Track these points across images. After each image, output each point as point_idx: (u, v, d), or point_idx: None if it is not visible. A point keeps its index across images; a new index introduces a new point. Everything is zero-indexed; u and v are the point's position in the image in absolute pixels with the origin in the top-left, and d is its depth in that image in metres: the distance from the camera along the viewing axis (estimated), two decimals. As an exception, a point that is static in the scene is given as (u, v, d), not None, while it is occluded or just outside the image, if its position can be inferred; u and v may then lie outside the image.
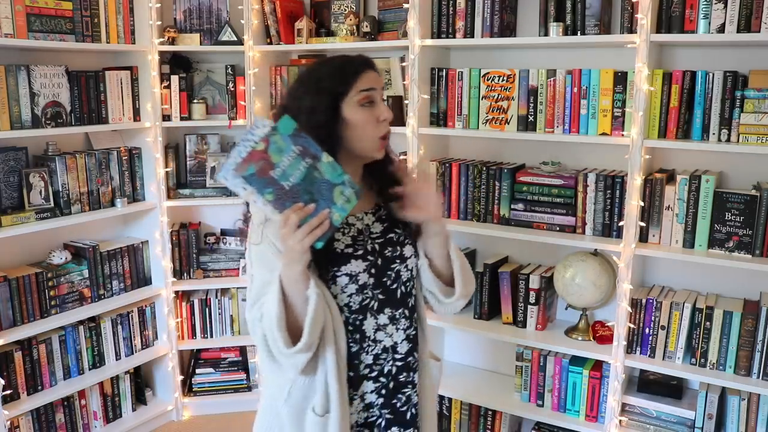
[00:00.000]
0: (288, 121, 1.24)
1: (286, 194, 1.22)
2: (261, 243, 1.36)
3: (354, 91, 1.37)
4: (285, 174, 1.23)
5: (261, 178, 1.21)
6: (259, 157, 1.21)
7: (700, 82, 2.13)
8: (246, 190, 1.22)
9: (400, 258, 1.48)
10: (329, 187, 1.26)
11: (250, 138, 1.22)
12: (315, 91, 1.36)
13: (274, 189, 1.22)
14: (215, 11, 3.04)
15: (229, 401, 3.26)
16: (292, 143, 1.24)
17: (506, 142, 2.64)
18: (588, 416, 2.43)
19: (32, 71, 2.50)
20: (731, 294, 2.33)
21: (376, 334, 1.45)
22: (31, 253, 2.76)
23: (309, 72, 1.42)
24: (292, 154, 1.23)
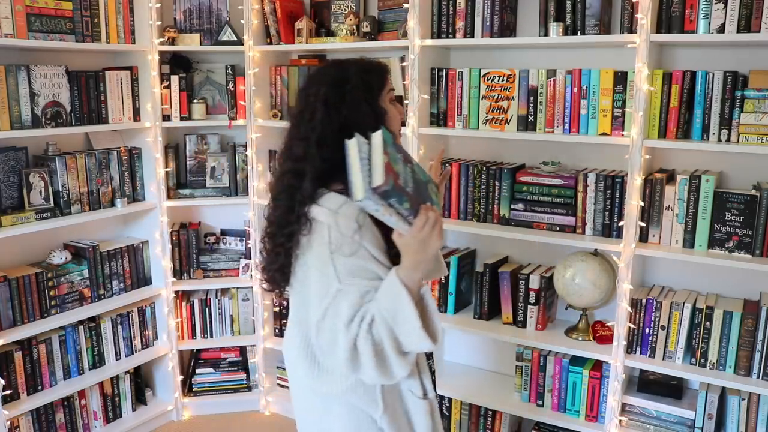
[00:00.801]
0: (386, 133, 1.25)
1: (413, 200, 1.23)
2: (357, 251, 1.32)
3: (387, 88, 1.47)
4: (406, 182, 1.24)
5: (397, 189, 1.20)
6: (390, 170, 1.20)
7: (700, 82, 2.13)
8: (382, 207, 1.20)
9: None
10: (425, 185, 1.30)
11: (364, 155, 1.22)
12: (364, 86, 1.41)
13: (407, 198, 1.22)
14: (215, 11, 3.04)
15: (229, 401, 3.26)
16: (396, 151, 1.26)
17: (506, 142, 2.64)
18: (588, 416, 2.43)
19: (32, 71, 2.50)
20: (731, 294, 2.33)
21: None
22: (31, 253, 2.76)
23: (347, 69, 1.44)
24: (400, 161, 1.25)
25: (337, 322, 1.31)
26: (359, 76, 1.42)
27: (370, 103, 1.41)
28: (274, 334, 3.25)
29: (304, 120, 1.41)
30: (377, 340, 1.28)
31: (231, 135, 3.24)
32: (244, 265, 3.21)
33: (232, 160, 3.14)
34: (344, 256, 1.32)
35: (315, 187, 1.37)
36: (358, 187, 1.20)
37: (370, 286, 1.31)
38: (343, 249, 1.32)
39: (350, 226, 1.32)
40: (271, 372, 3.29)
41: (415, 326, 1.25)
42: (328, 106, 1.39)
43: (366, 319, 1.28)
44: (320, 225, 1.34)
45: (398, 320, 1.27)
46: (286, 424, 3.17)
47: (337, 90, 1.40)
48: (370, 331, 1.28)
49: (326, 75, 1.45)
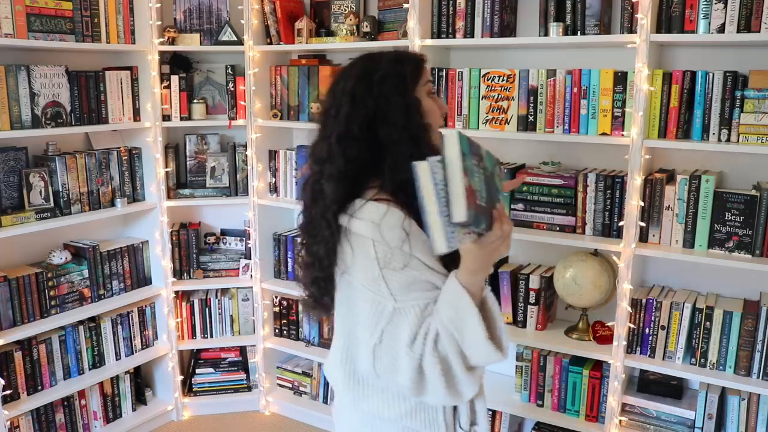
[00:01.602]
0: (462, 137, 1.07)
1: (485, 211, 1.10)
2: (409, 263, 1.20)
3: (423, 80, 1.34)
4: (481, 193, 1.10)
5: (477, 214, 1.06)
6: (470, 193, 1.05)
7: (700, 82, 2.13)
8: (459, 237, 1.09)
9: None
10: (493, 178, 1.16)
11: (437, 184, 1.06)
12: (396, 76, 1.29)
13: (484, 216, 1.09)
14: (215, 11, 3.04)
15: (229, 401, 3.26)
16: (471, 155, 1.09)
17: (506, 142, 2.64)
18: (588, 416, 2.43)
19: (32, 71, 2.50)
20: (731, 294, 2.33)
21: None
22: (31, 253, 2.76)
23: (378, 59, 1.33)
24: (475, 168, 1.09)
25: (397, 345, 1.19)
26: (390, 66, 1.30)
27: (402, 93, 1.27)
28: (274, 334, 3.25)
29: (329, 117, 1.30)
30: (443, 356, 1.17)
31: (231, 135, 3.24)
32: (244, 265, 3.21)
33: (232, 160, 3.14)
34: (396, 270, 1.20)
35: (339, 190, 1.25)
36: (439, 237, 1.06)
37: (429, 299, 1.20)
38: (394, 263, 1.20)
39: (397, 237, 1.20)
40: (271, 372, 3.29)
41: (480, 336, 1.14)
42: (354, 99, 1.27)
43: (430, 336, 1.17)
44: (364, 240, 1.22)
45: (463, 331, 1.15)
46: (286, 424, 3.17)
47: (365, 81, 1.28)
48: (436, 348, 1.17)
49: (354, 68, 1.34)
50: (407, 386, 1.20)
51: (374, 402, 1.32)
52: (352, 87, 1.29)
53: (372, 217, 1.22)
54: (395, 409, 1.31)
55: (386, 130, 1.26)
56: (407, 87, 1.30)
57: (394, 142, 1.25)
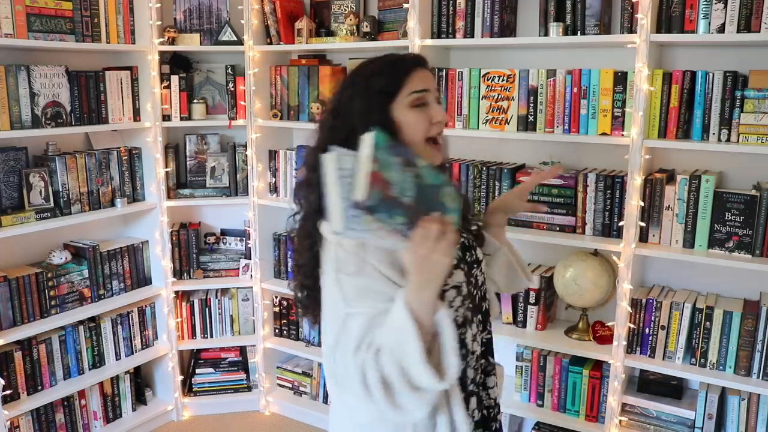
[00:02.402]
0: (380, 134, 1.08)
1: (413, 212, 1.07)
2: (363, 269, 1.18)
3: (405, 92, 1.27)
4: (402, 190, 1.07)
5: (387, 201, 1.04)
6: (377, 179, 1.03)
7: (700, 82, 2.13)
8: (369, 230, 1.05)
9: (476, 262, 1.40)
10: (436, 192, 1.11)
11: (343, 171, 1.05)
12: (365, 91, 1.26)
13: (402, 210, 1.06)
14: (215, 11, 3.04)
15: (229, 401, 3.26)
16: (391, 154, 1.08)
17: (506, 142, 2.64)
18: (588, 416, 2.43)
19: (32, 71, 2.50)
20: (731, 294, 2.33)
21: (473, 344, 1.36)
22: (31, 253, 2.76)
23: (357, 72, 1.32)
24: (397, 167, 1.08)
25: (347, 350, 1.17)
26: (367, 81, 1.27)
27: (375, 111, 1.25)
28: (274, 334, 3.25)
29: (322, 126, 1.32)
30: (384, 371, 1.12)
31: (231, 135, 3.24)
32: (244, 265, 3.21)
33: (232, 160, 3.14)
34: (349, 275, 1.19)
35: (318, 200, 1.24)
36: (336, 217, 1.04)
37: (381, 309, 1.16)
38: (348, 268, 1.19)
39: (354, 242, 1.18)
40: (271, 372, 3.29)
41: (416, 358, 1.08)
42: (335, 113, 1.28)
43: (372, 347, 1.14)
44: (328, 243, 1.23)
45: (404, 350, 1.10)
46: (286, 424, 3.17)
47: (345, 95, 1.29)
48: (377, 360, 1.12)
49: (347, 77, 1.33)
50: (358, 394, 1.16)
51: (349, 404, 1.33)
52: (335, 99, 1.31)
53: None
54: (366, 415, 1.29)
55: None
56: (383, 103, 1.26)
57: None
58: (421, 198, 1.10)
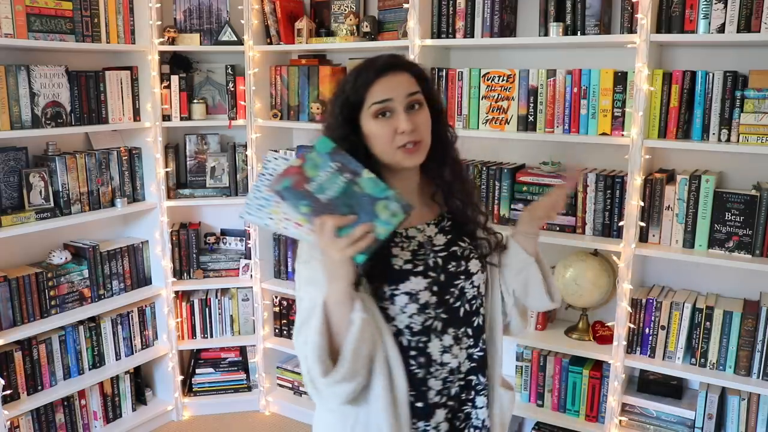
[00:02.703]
0: (325, 141, 1.18)
1: (323, 207, 1.15)
2: (310, 261, 1.26)
3: (367, 102, 1.27)
4: (321, 187, 1.15)
5: (296, 191, 1.14)
6: (294, 171, 1.15)
7: (700, 82, 2.13)
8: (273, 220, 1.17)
9: (464, 273, 1.35)
10: (371, 201, 1.17)
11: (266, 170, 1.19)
12: (336, 102, 1.30)
13: (310, 201, 1.15)
14: (215, 11, 3.04)
15: (229, 401, 3.26)
16: (329, 160, 1.16)
17: (506, 142, 2.64)
18: (588, 416, 2.43)
19: (32, 71, 2.50)
20: (731, 294, 2.33)
21: (443, 356, 1.32)
22: (31, 253, 2.76)
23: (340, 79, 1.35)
24: (329, 169, 1.16)
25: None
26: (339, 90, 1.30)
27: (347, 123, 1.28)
28: (274, 334, 3.25)
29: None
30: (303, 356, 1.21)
31: (231, 135, 3.24)
32: (244, 265, 3.21)
33: (232, 160, 3.14)
34: (301, 263, 1.29)
35: None
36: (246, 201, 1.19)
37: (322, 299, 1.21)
38: (303, 256, 1.29)
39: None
40: (271, 372, 3.29)
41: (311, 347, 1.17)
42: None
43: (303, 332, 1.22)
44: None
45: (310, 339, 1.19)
46: (286, 424, 3.17)
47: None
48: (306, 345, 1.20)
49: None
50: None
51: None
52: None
53: None
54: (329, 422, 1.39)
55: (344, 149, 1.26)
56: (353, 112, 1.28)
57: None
58: (346, 201, 1.16)
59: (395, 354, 1.26)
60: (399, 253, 1.30)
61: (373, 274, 1.24)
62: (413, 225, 1.34)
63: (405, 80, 1.30)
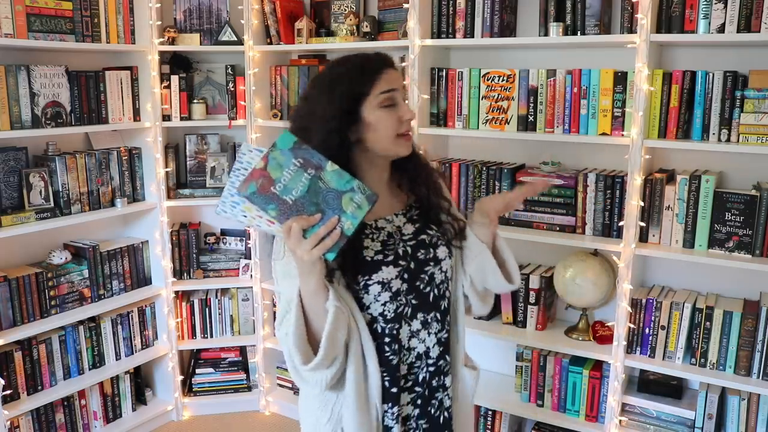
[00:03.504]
0: (287, 136, 1.20)
1: (290, 208, 1.18)
2: (284, 257, 1.31)
3: (374, 93, 1.31)
4: (287, 188, 1.19)
5: (262, 195, 1.18)
6: (258, 174, 1.18)
7: (700, 82, 2.13)
8: (246, 217, 1.21)
9: (433, 260, 1.41)
10: (336, 196, 1.20)
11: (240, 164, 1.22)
12: (330, 93, 1.31)
13: (277, 204, 1.18)
14: (215, 11, 3.05)
15: (229, 401, 3.26)
16: (292, 157, 1.19)
17: (506, 142, 2.64)
18: (588, 416, 2.43)
19: (32, 71, 2.50)
20: (731, 294, 2.33)
21: (410, 341, 1.39)
22: (31, 253, 2.76)
23: (325, 74, 1.36)
24: (292, 167, 1.19)
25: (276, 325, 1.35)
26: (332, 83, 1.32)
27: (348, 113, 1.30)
28: (274, 334, 3.25)
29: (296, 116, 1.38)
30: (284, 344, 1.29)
31: (231, 135, 3.24)
32: (244, 265, 3.21)
33: (232, 160, 3.14)
34: (277, 260, 1.34)
35: None
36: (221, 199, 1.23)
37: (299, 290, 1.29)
38: (278, 253, 1.34)
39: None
40: (271, 372, 3.29)
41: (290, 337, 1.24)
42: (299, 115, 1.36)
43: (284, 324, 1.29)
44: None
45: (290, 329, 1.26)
46: (286, 424, 3.17)
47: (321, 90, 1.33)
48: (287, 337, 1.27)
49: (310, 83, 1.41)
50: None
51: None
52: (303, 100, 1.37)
53: None
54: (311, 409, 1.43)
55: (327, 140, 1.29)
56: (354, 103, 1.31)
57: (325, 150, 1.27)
58: (312, 199, 1.20)
59: (369, 343, 1.33)
60: (370, 244, 1.36)
61: (346, 266, 1.30)
62: (382, 216, 1.40)
63: (398, 75, 1.38)
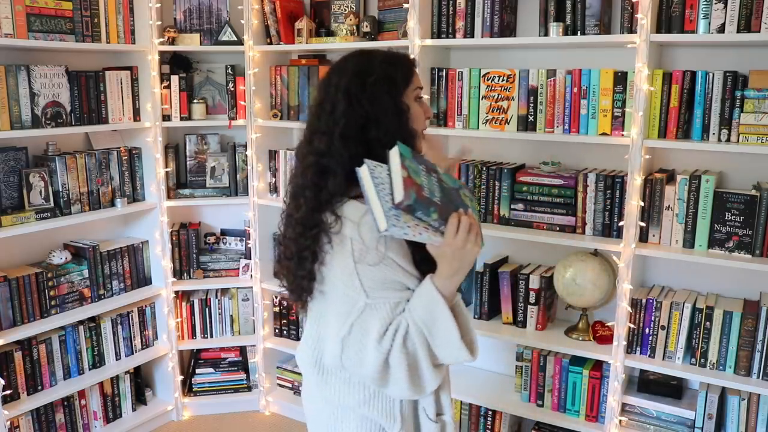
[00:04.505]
0: (402, 146, 1.22)
1: (442, 209, 1.21)
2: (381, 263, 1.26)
3: (413, 85, 1.38)
4: (432, 192, 1.21)
5: (422, 200, 1.18)
6: (410, 183, 1.17)
7: (700, 82, 2.13)
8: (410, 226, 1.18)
9: None
10: (456, 193, 1.26)
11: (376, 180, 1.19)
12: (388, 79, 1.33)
13: (435, 207, 1.19)
14: (215, 11, 3.04)
15: (229, 401, 3.26)
16: (417, 163, 1.23)
17: (506, 142, 2.64)
18: (588, 416, 2.43)
19: (32, 71, 2.50)
20: (731, 294, 2.33)
21: None
22: (31, 253, 2.76)
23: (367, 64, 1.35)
24: (422, 173, 1.22)
25: (365, 339, 1.26)
26: (383, 68, 1.34)
27: (393, 97, 1.33)
28: (274, 334, 3.25)
29: (325, 112, 1.33)
30: (412, 352, 1.25)
31: (231, 135, 3.24)
32: (244, 265, 3.21)
33: (232, 160, 3.14)
34: (369, 267, 1.26)
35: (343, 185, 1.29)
36: (380, 218, 1.17)
37: (401, 297, 1.27)
38: (368, 259, 1.26)
39: (373, 237, 1.25)
40: (271, 372, 3.29)
41: (453, 337, 1.24)
42: (350, 98, 1.30)
43: (400, 332, 1.25)
44: (343, 237, 1.27)
45: (435, 332, 1.24)
46: (286, 424, 3.17)
47: (360, 81, 1.32)
48: (404, 345, 1.24)
49: (349, 64, 1.37)
50: (371, 378, 1.28)
51: (335, 388, 1.39)
52: (346, 85, 1.33)
53: (352, 215, 1.27)
54: (354, 397, 1.37)
55: (377, 132, 1.30)
56: (399, 91, 1.35)
57: (383, 145, 1.27)
58: (447, 198, 1.24)
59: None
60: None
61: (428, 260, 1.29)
62: None
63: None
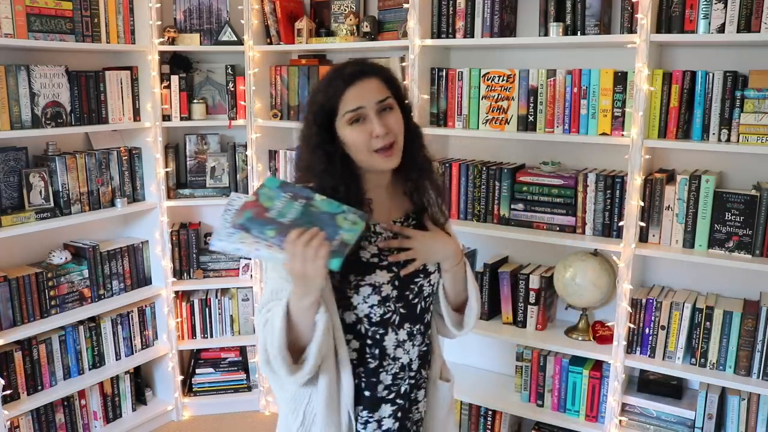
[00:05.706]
0: (273, 179, 1.29)
1: (288, 228, 1.21)
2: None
3: (341, 111, 1.31)
4: (281, 213, 1.23)
5: (258, 219, 1.22)
6: (252, 205, 1.23)
7: (700, 82, 2.13)
8: (244, 243, 1.21)
9: (423, 272, 1.43)
10: (330, 217, 1.24)
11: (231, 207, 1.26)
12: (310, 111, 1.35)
13: (274, 226, 1.21)
14: (215, 11, 3.04)
15: (229, 401, 3.26)
16: (281, 191, 1.26)
17: (506, 142, 2.64)
18: (588, 416, 2.43)
19: (32, 71, 2.50)
20: (731, 294, 2.33)
21: (396, 351, 1.40)
22: (31, 253, 2.76)
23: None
24: (283, 199, 1.25)
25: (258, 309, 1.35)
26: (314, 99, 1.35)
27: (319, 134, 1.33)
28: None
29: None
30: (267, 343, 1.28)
31: (231, 135, 3.24)
32: (244, 265, 3.21)
33: (232, 160, 3.14)
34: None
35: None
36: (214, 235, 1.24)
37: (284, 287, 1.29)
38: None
39: None
40: (271, 372, 3.29)
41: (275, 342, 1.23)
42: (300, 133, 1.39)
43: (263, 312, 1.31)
44: None
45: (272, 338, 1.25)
46: (286, 424, 3.17)
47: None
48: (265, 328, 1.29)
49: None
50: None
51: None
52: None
53: None
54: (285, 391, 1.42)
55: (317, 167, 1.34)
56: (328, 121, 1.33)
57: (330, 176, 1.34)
58: (307, 219, 1.23)
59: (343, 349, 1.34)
60: (367, 246, 1.36)
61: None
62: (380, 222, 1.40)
63: (375, 86, 1.33)
